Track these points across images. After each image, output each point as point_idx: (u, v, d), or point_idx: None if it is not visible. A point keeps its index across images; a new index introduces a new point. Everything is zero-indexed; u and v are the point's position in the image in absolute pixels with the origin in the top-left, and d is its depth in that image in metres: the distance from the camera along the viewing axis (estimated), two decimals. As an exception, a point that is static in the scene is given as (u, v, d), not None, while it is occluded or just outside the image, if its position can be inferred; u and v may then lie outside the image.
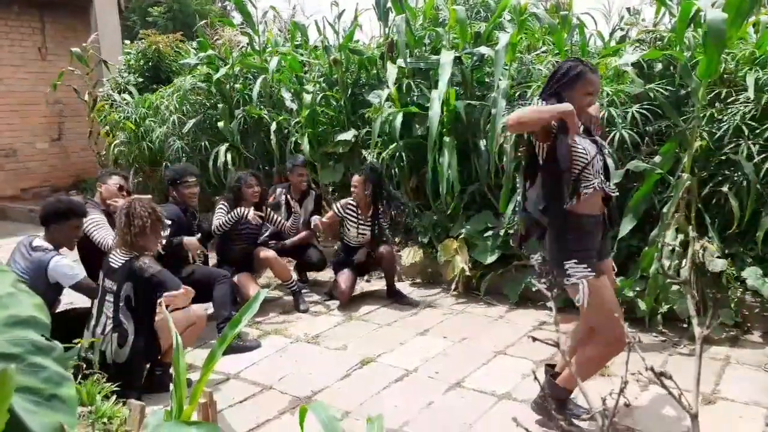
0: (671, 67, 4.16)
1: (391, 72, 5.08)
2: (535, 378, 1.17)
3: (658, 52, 4.02)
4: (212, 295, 3.99)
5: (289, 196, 4.97)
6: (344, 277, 4.64)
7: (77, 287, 3.40)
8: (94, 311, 3.23)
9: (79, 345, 2.84)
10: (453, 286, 4.75)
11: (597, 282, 2.50)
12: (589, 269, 2.50)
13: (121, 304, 3.13)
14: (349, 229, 4.75)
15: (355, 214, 4.71)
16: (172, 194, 4.41)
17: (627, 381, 1.11)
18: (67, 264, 3.40)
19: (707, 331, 1.23)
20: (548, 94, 2.56)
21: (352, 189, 4.69)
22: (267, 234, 4.96)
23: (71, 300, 3.80)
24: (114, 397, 2.34)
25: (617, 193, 2.73)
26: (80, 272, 3.49)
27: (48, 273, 3.33)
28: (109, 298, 3.17)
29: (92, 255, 3.78)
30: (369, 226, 4.70)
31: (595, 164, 2.54)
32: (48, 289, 3.33)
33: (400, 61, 5.17)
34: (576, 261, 2.50)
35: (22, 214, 8.94)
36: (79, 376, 2.44)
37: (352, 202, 4.70)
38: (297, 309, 4.58)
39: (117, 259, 3.20)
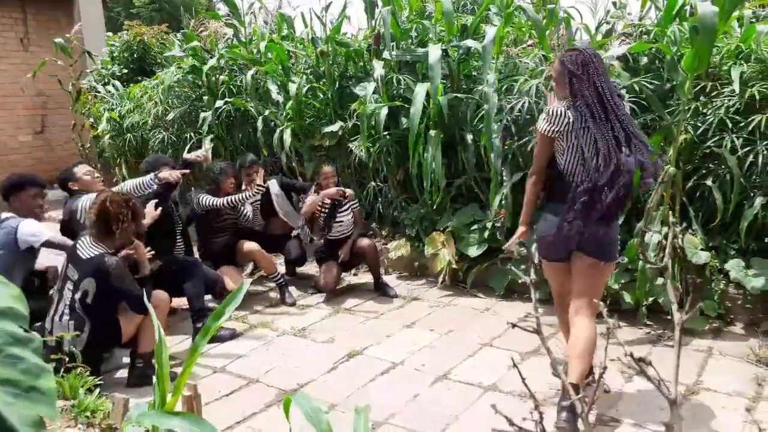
0: (657, 61, 4.18)
1: (378, 68, 5.04)
2: (514, 365, 1.17)
3: (644, 45, 4.03)
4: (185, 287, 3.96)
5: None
6: (328, 268, 4.67)
7: (49, 244, 3.45)
8: (55, 296, 3.22)
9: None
10: (440, 279, 4.76)
11: None
12: None
13: (77, 296, 3.10)
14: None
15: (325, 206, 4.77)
16: None
17: (606, 366, 1.12)
18: (35, 224, 3.46)
19: (686, 316, 1.24)
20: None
21: (326, 182, 4.73)
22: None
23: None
24: (97, 390, 2.32)
25: None
26: (48, 231, 3.53)
27: (17, 238, 3.34)
28: (69, 286, 3.14)
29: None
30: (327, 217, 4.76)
31: None
32: (21, 257, 3.35)
33: (386, 54, 5.14)
34: None
35: (3, 207, 8.82)
36: (62, 370, 2.42)
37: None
38: (284, 302, 4.56)
39: (86, 250, 3.15)
